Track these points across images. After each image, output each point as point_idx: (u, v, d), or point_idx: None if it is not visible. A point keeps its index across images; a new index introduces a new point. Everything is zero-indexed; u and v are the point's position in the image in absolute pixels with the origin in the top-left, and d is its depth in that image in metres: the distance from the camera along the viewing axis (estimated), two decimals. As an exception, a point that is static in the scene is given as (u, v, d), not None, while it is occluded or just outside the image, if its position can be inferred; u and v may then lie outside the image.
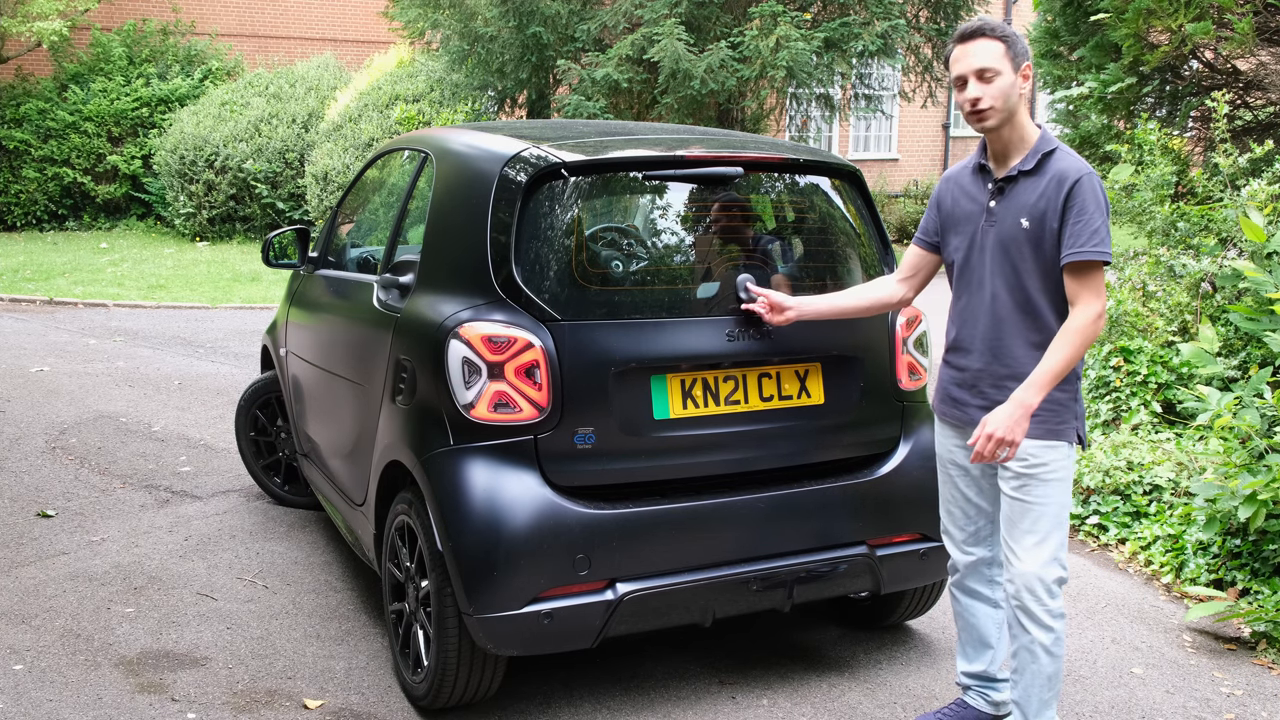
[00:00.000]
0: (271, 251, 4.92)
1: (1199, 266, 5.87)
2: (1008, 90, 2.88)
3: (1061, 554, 2.97)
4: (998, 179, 2.99)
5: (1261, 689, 3.76)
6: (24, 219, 16.93)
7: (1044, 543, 2.94)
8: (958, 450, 3.18)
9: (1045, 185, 2.88)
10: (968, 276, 3.06)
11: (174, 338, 9.47)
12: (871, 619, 4.10)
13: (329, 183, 13.87)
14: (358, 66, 17.61)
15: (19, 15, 15.94)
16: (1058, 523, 2.95)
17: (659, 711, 3.49)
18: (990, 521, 3.21)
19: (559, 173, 3.34)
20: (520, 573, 3.06)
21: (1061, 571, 2.96)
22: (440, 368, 3.19)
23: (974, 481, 3.17)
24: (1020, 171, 2.93)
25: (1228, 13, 6.54)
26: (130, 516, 5.17)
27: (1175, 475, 4.99)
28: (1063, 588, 3.00)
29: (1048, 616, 2.95)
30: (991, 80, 2.88)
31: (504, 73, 13.57)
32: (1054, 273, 2.90)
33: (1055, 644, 2.97)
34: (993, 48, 2.88)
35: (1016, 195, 2.93)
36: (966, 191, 3.09)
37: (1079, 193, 2.83)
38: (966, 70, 2.90)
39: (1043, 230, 2.88)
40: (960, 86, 2.93)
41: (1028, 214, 2.90)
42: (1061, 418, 2.94)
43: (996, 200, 2.98)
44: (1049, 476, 2.94)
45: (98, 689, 3.56)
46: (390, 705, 3.51)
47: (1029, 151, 2.94)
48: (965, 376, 3.07)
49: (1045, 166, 2.91)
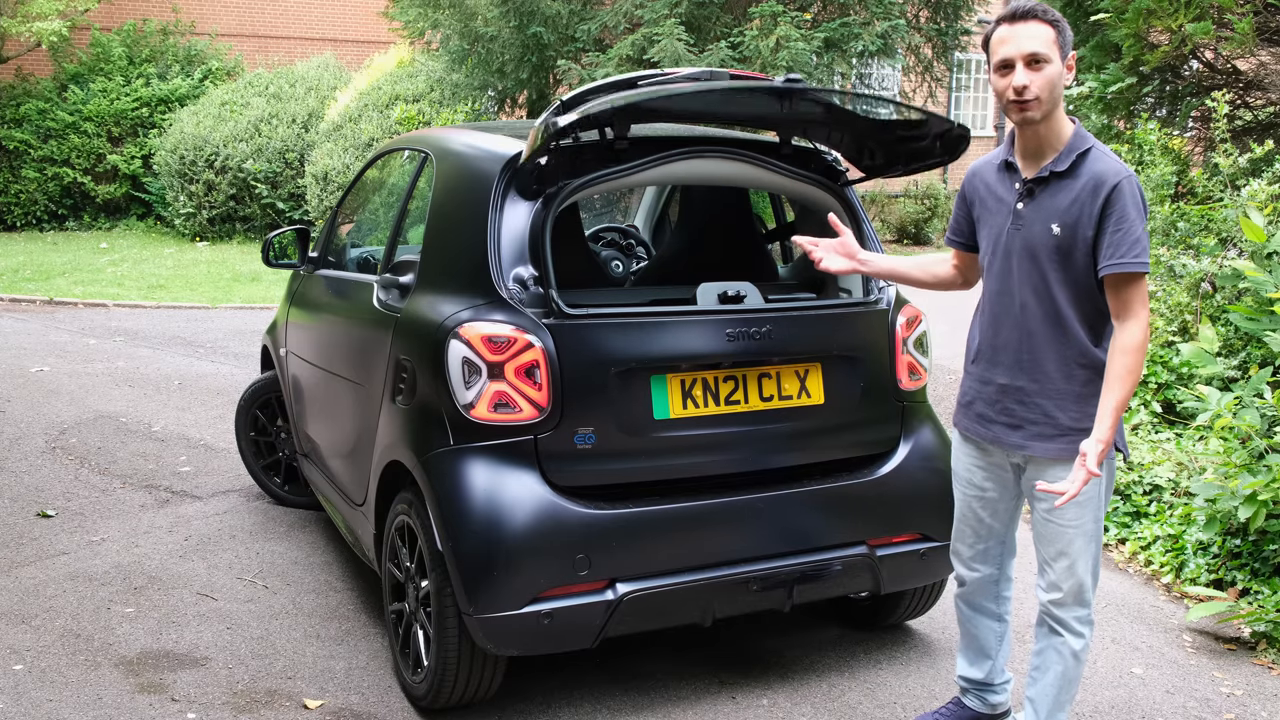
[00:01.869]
0: (271, 251, 4.92)
1: (1199, 266, 5.87)
2: (1055, 80, 2.66)
3: (1095, 565, 2.89)
4: (1027, 179, 2.78)
5: (1261, 689, 3.76)
6: (24, 219, 16.93)
7: (1077, 562, 2.85)
8: (977, 470, 3.04)
9: (1080, 189, 2.68)
10: (993, 284, 2.88)
11: (174, 338, 9.47)
12: (871, 619, 4.10)
13: (329, 183, 13.87)
14: (358, 66, 17.59)
15: (19, 15, 15.93)
16: (1091, 539, 2.85)
17: (659, 711, 3.49)
18: (1000, 543, 3.13)
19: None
20: (520, 573, 3.06)
21: (1094, 581, 2.89)
22: (440, 368, 3.19)
23: (990, 504, 3.07)
24: (1052, 172, 2.72)
25: (1228, 13, 6.54)
26: (130, 516, 5.17)
27: (1175, 475, 4.99)
28: (1096, 590, 2.94)
29: (1078, 624, 2.90)
30: (1041, 68, 2.64)
31: (504, 73, 13.57)
32: (1085, 283, 2.72)
33: (1083, 650, 2.92)
34: (1045, 32, 2.64)
35: (1047, 198, 2.73)
36: (993, 190, 2.89)
37: (1118, 198, 2.63)
38: (1015, 54, 2.65)
39: (1075, 238, 2.68)
40: (1003, 72, 2.68)
41: (1059, 220, 2.70)
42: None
43: (1025, 203, 2.77)
44: (1082, 499, 2.78)
45: (98, 689, 3.56)
46: (390, 705, 3.51)
47: (1063, 150, 2.73)
48: (991, 391, 2.91)
49: (1080, 168, 2.70)
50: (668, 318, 3.31)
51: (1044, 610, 2.95)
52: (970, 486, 3.09)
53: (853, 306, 3.63)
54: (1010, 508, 3.07)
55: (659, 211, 5.38)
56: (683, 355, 3.30)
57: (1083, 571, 2.87)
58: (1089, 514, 2.83)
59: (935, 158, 3.60)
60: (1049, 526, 2.87)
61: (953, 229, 3.11)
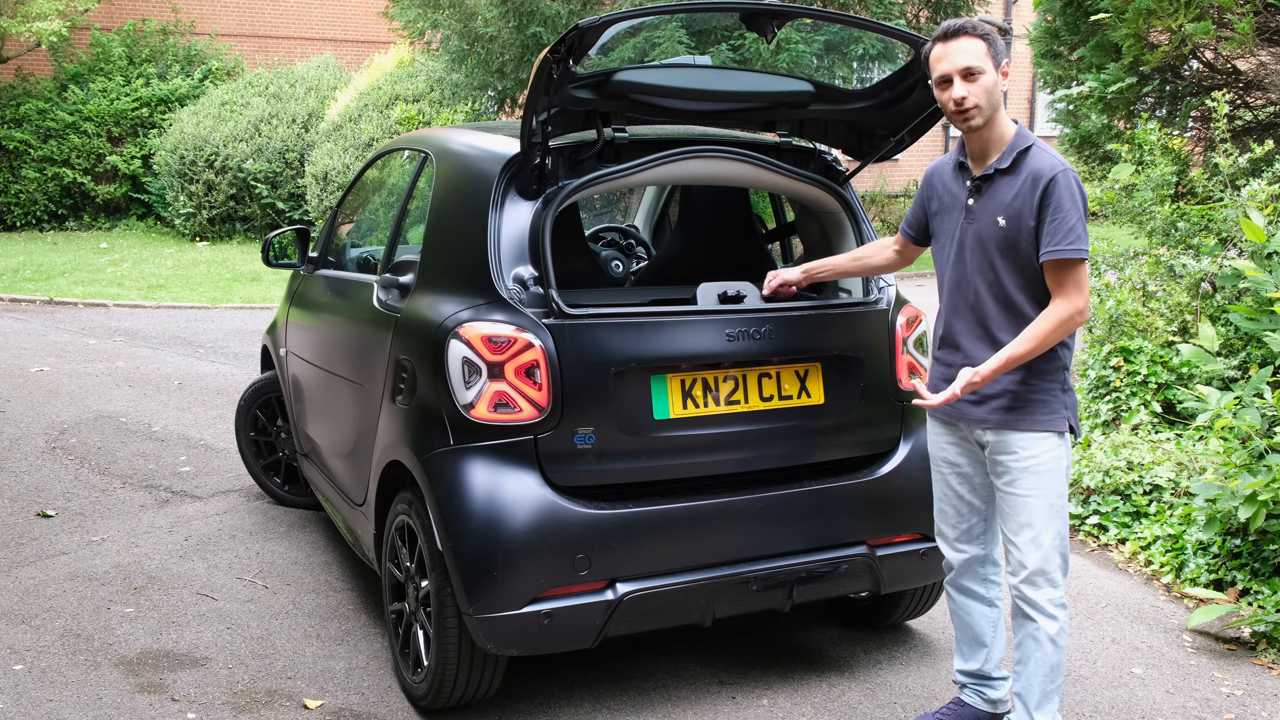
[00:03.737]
0: (271, 251, 4.92)
1: (1199, 266, 5.87)
2: (991, 88, 2.88)
3: (1061, 544, 2.98)
4: (975, 177, 2.99)
5: (1261, 689, 3.76)
6: (24, 219, 16.94)
7: (1041, 535, 2.95)
8: (949, 447, 3.19)
9: (1021, 184, 2.88)
10: (951, 274, 3.08)
11: (174, 338, 9.47)
12: (871, 619, 4.10)
13: (329, 183, 13.87)
14: (358, 66, 17.61)
15: (19, 15, 15.94)
16: (1053, 513, 2.97)
17: (659, 711, 3.49)
18: (983, 519, 3.21)
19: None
20: (520, 573, 3.06)
21: (1062, 561, 2.98)
22: (440, 368, 3.19)
23: (966, 479, 3.18)
24: (997, 170, 2.94)
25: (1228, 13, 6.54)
26: (130, 516, 5.17)
27: (1175, 475, 4.99)
28: (1067, 576, 3.01)
29: (1051, 605, 2.97)
30: (976, 79, 2.87)
31: (504, 73, 13.57)
32: (1032, 271, 2.91)
33: (1059, 634, 2.97)
34: (976, 46, 2.87)
35: (993, 194, 2.94)
36: (949, 188, 3.10)
37: (1054, 191, 2.83)
38: (951, 69, 2.89)
39: (1019, 229, 2.88)
40: (943, 86, 2.92)
41: (1004, 213, 2.91)
42: (1051, 409, 2.95)
43: (975, 199, 2.99)
44: (1041, 469, 2.95)
45: (98, 689, 3.56)
46: (390, 705, 3.51)
47: (1005, 149, 2.94)
48: (953, 373, 3.07)
49: (1021, 164, 2.91)
50: (668, 318, 3.31)
51: (1015, 595, 3.02)
52: (945, 465, 3.21)
53: (853, 306, 3.63)
54: (986, 484, 3.16)
55: (659, 211, 5.38)
56: (683, 355, 3.30)
57: (1049, 545, 2.95)
58: (1050, 484, 2.96)
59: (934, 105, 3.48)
60: (1010, 499, 3.00)
61: (908, 221, 3.31)
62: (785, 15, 3.38)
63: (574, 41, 2.98)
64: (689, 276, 4.10)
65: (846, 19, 3.53)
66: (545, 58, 3.00)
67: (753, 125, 3.80)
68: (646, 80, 3.34)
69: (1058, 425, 2.97)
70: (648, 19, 12.47)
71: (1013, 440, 2.97)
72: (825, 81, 3.65)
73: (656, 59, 12.12)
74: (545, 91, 3.12)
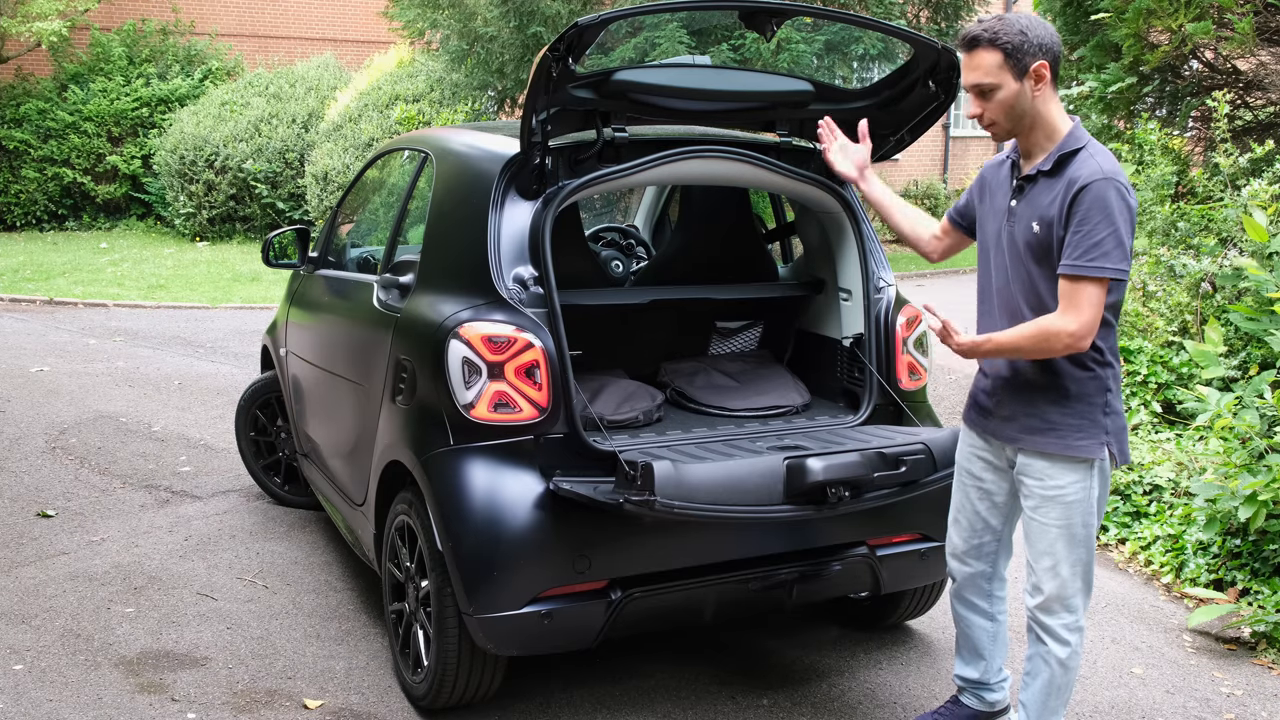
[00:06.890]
0: (271, 251, 4.92)
1: (1199, 266, 5.87)
2: (1009, 102, 2.73)
3: (1084, 571, 2.86)
4: (1020, 177, 2.85)
5: (1261, 689, 3.76)
6: (24, 219, 16.92)
7: (1060, 565, 2.84)
8: (976, 460, 3.07)
9: (1058, 189, 2.71)
10: (991, 277, 2.94)
11: (174, 338, 9.47)
12: (871, 619, 4.10)
13: (329, 183, 13.86)
14: (358, 66, 17.59)
15: (19, 15, 15.92)
16: (1074, 543, 2.83)
17: (659, 711, 3.49)
18: (996, 539, 3.12)
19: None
20: (520, 573, 3.06)
21: (1084, 586, 2.87)
22: (440, 368, 3.19)
23: (987, 495, 3.07)
24: (1039, 171, 2.78)
25: (1228, 13, 6.53)
26: (130, 516, 5.17)
27: (1175, 475, 4.99)
28: (1090, 597, 2.91)
29: (1064, 630, 2.88)
30: (991, 96, 2.74)
31: (504, 73, 13.56)
32: None
33: (1070, 658, 2.89)
34: (991, 60, 2.72)
35: (1034, 197, 2.78)
36: (1000, 186, 2.94)
37: (1083, 199, 2.65)
38: (967, 84, 2.79)
39: (1050, 236, 2.72)
40: (970, 93, 2.81)
41: (1039, 218, 2.75)
42: (1086, 433, 2.78)
43: (1017, 199, 2.84)
44: (1067, 499, 2.81)
45: (98, 689, 3.56)
46: (390, 705, 3.51)
47: (1051, 150, 2.78)
48: (989, 384, 2.96)
49: (1065, 168, 2.73)
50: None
51: (1030, 616, 2.94)
52: (969, 477, 3.11)
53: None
54: (1007, 504, 3.07)
55: (659, 211, 5.38)
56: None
57: (1067, 575, 2.84)
58: (1075, 515, 2.82)
59: (934, 104, 3.51)
60: (1033, 524, 2.88)
61: (957, 208, 3.15)
62: (784, 13, 3.37)
63: (573, 40, 2.98)
64: (689, 276, 4.09)
65: (846, 17, 3.51)
66: (544, 57, 2.98)
67: (753, 125, 3.80)
68: (646, 80, 3.34)
69: (1092, 452, 2.78)
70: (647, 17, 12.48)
71: (1039, 466, 2.84)
72: (825, 81, 3.61)
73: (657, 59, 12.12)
74: (545, 91, 3.11)
